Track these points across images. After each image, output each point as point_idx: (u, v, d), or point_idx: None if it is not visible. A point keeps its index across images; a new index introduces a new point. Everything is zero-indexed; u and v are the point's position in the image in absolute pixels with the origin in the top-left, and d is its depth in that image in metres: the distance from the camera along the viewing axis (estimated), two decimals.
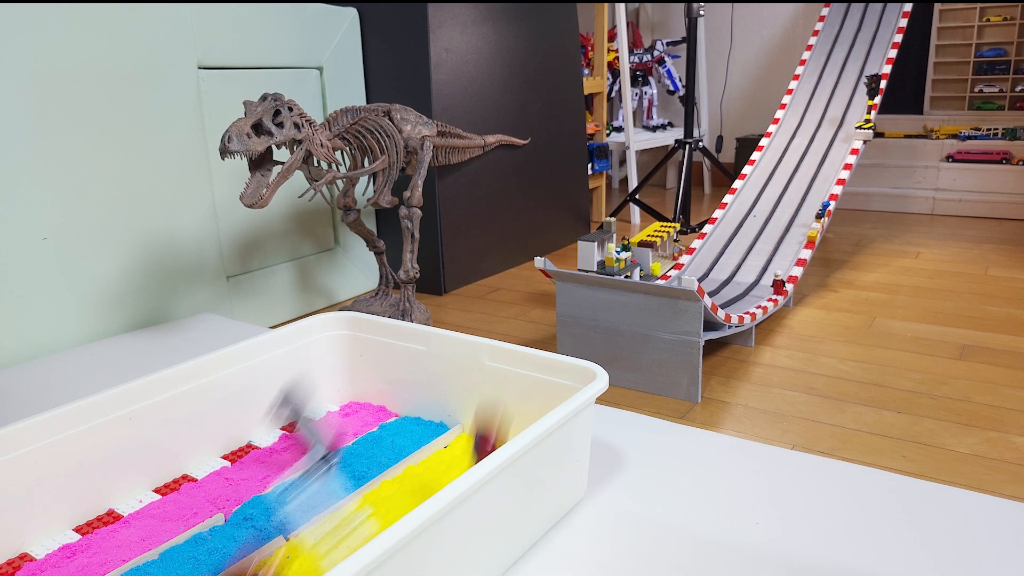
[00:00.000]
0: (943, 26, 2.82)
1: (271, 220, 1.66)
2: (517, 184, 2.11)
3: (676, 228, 1.82)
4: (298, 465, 0.81)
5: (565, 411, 0.70)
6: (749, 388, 1.25)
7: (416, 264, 1.49)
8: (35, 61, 1.24)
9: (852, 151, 1.94)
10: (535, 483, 0.69)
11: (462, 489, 0.58)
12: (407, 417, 0.95)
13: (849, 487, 0.82)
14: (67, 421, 0.76)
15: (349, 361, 1.01)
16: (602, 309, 1.26)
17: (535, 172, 2.18)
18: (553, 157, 2.25)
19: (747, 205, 1.90)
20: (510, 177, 2.08)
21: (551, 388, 0.82)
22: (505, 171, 2.06)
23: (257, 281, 1.63)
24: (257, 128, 1.14)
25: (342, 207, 1.52)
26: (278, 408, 0.74)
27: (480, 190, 1.97)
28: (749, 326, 1.39)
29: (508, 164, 2.06)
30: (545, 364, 0.82)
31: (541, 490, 0.71)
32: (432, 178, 1.80)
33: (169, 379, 0.84)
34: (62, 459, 0.76)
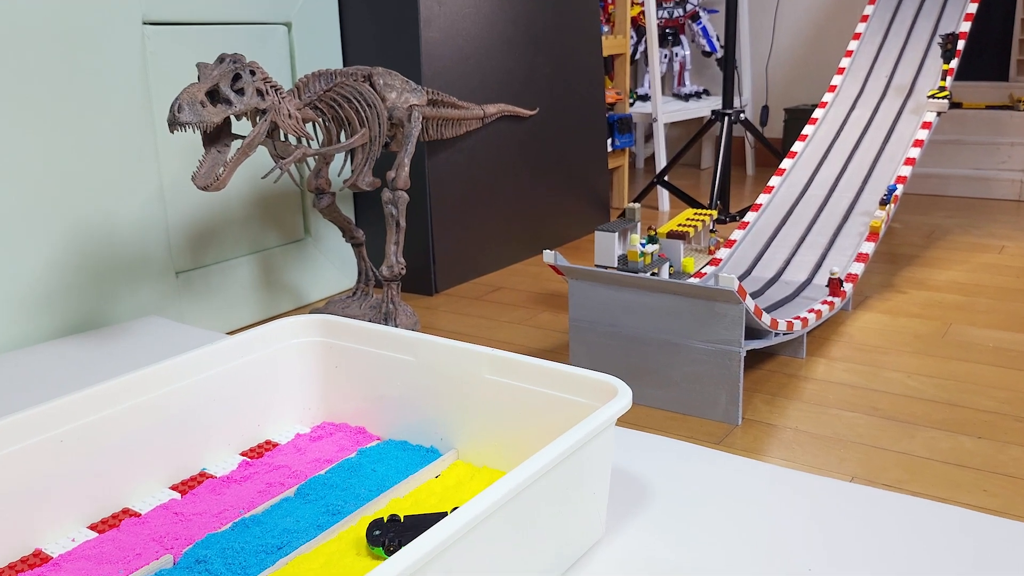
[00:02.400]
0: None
1: (229, 205, 1.66)
2: (523, 163, 2.11)
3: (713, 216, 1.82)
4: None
5: (580, 434, 0.69)
6: (800, 408, 1.24)
7: (402, 258, 1.49)
8: None
9: (924, 125, 1.93)
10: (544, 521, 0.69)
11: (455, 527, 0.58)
12: (391, 441, 0.95)
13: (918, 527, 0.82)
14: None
15: (322, 374, 1.00)
16: (624, 312, 1.26)
17: (544, 149, 2.17)
18: (566, 131, 2.25)
19: (797, 189, 1.89)
20: (514, 155, 2.08)
21: (563, 406, 0.81)
22: (508, 148, 2.05)
23: (212, 278, 1.63)
24: (213, 96, 1.14)
25: (314, 190, 1.52)
26: None
27: (478, 170, 1.97)
28: (800, 334, 1.39)
29: (512, 139, 2.06)
30: (556, 378, 0.82)
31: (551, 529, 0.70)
32: (421, 156, 1.80)
33: (107, 395, 0.84)
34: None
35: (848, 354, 1.45)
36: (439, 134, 1.75)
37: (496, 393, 0.87)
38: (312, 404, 1.01)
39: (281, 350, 0.99)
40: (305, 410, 1.01)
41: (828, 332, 1.55)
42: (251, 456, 0.95)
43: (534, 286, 1.91)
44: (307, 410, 1.01)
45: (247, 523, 0.80)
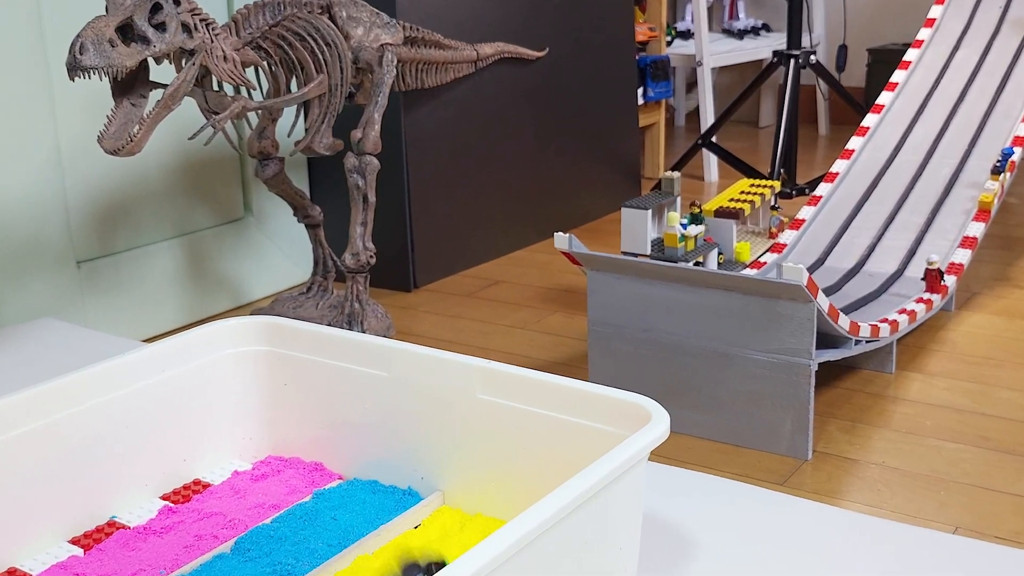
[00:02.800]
0: None
1: (147, 175, 1.66)
2: (528, 120, 2.10)
3: (775, 189, 1.81)
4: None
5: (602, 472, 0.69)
6: (888, 438, 1.24)
7: (371, 244, 1.49)
8: None
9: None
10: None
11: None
12: (357, 480, 0.95)
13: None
14: None
15: (267, 393, 1.00)
16: (659, 314, 1.25)
17: (556, 102, 2.17)
18: (584, 78, 2.24)
19: (884, 154, 1.89)
20: (517, 109, 2.07)
21: (579, 436, 0.81)
22: (509, 100, 2.05)
23: (124, 269, 1.63)
24: (125, 33, 1.13)
25: (256, 155, 1.51)
26: None
27: (470, 129, 1.97)
28: (888, 341, 1.38)
29: (514, 89, 2.06)
30: (570, 399, 0.82)
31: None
32: (396, 110, 1.80)
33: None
34: None
35: (951, 368, 1.44)
36: (419, 82, 1.75)
37: (493, 418, 0.86)
38: (254, 433, 1.01)
39: (214, 363, 0.99)
40: (245, 440, 1.01)
41: (924, 339, 1.55)
42: (174, 500, 0.95)
43: (542, 280, 1.91)
44: (247, 440, 1.01)
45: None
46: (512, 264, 2.01)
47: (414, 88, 1.76)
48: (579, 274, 1.90)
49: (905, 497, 1.11)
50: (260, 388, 1.01)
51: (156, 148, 1.67)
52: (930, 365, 1.45)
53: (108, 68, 1.10)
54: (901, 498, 1.11)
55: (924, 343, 1.53)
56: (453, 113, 1.91)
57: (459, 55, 1.83)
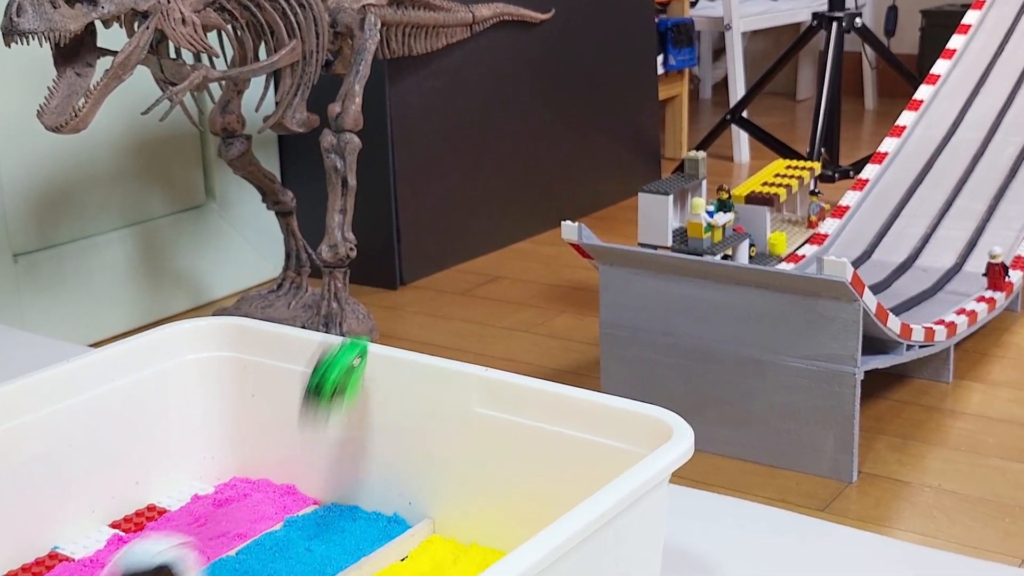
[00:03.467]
0: None
1: (94, 155, 1.66)
2: (532, 92, 2.10)
3: (815, 171, 1.81)
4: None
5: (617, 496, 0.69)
6: (944, 457, 1.24)
7: (351, 234, 1.49)
8: None
9: None
10: None
11: None
12: (335, 506, 0.95)
13: None
14: None
15: (232, 406, 1.00)
16: (682, 314, 1.25)
17: (564, 72, 2.17)
18: (595, 45, 2.24)
19: (941, 131, 1.89)
20: (519, 80, 2.07)
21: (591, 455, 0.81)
22: (510, 70, 2.05)
23: (68, 263, 1.63)
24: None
25: (220, 132, 1.51)
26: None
27: (465, 103, 1.96)
28: (944, 346, 1.38)
29: (516, 57, 2.05)
30: (582, 412, 0.82)
31: None
32: (381, 81, 1.79)
33: None
34: None
35: (1017, 377, 1.44)
36: (407, 48, 1.75)
37: (491, 435, 0.87)
38: (217, 451, 1.01)
39: (171, 370, 0.99)
40: (206, 460, 1.01)
41: (987, 344, 1.55)
42: (125, 529, 0.95)
43: (547, 275, 1.91)
44: (209, 460, 1.01)
45: None
46: (513, 257, 2.01)
47: (401, 55, 1.75)
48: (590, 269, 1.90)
49: (964, 525, 1.11)
50: (224, 400, 1.01)
51: (104, 124, 1.66)
52: (992, 374, 1.45)
53: (49, 32, 1.10)
54: (960, 526, 1.10)
55: (986, 348, 1.53)
56: (445, 84, 1.91)
57: (452, 17, 1.83)
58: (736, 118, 2.57)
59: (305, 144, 1.86)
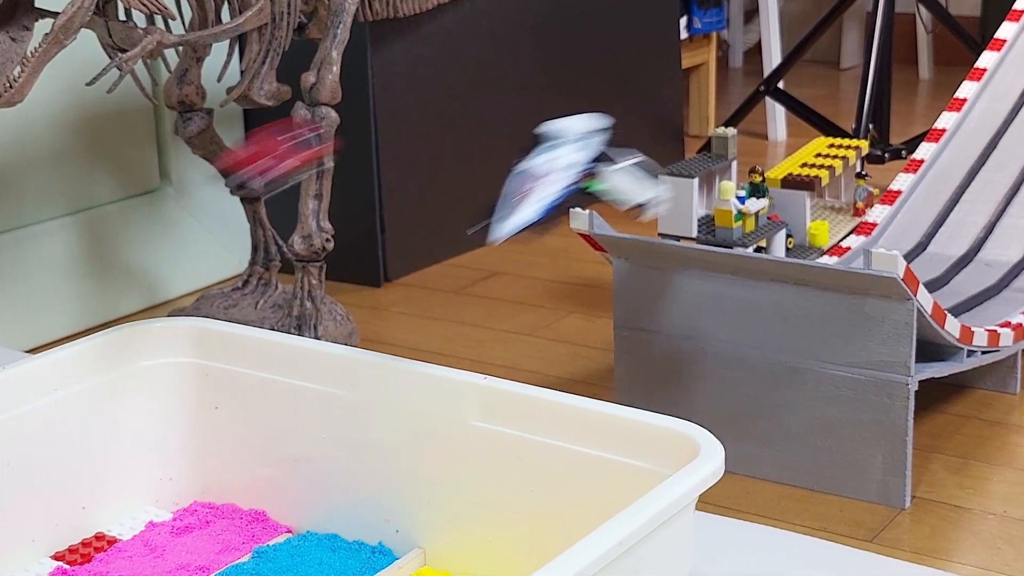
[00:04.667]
0: None
1: (32, 132, 1.66)
2: (534, 61, 2.11)
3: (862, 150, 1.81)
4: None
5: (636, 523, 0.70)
6: (1011, 479, 1.24)
7: (327, 224, 1.49)
8: None
9: None
10: None
11: None
12: (311, 534, 0.96)
13: None
14: None
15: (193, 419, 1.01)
16: (709, 315, 1.26)
17: (572, 37, 2.17)
18: (608, 5, 2.24)
19: (1007, 105, 1.89)
20: (520, 47, 2.07)
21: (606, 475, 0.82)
22: (509, 34, 2.05)
23: (2, 256, 1.63)
24: None
25: (177, 105, 1.52)
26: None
27: (458, 74, 1.97)
28: (1011, 352, 1.38)
29: (516, 20, 2.06)
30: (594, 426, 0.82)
31: None
32: (362, 47, 1.80)
33: None
34: None
35: None
36: (392, 10, 1.75)
37: (490, 452, 0.87)
38: (175, 472, 1.02)
39: (122, 379, 0.99)
40: (163, 482, 1.02)
41: None
42: (71, 560, 0.95)
43: (553, 270, 1.91)
44: (167, 482, 1.02)
45: None
46: (514, 250, 2.01)
47: (384, 17, 1.76)
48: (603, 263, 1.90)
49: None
50: (183, 412, 1.01)
51: (43, 96, 1.67)
52: None
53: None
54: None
55: None
56: (436, 51, 1.92)
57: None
58: (771, 89, 2.58)
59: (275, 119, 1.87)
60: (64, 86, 1.67)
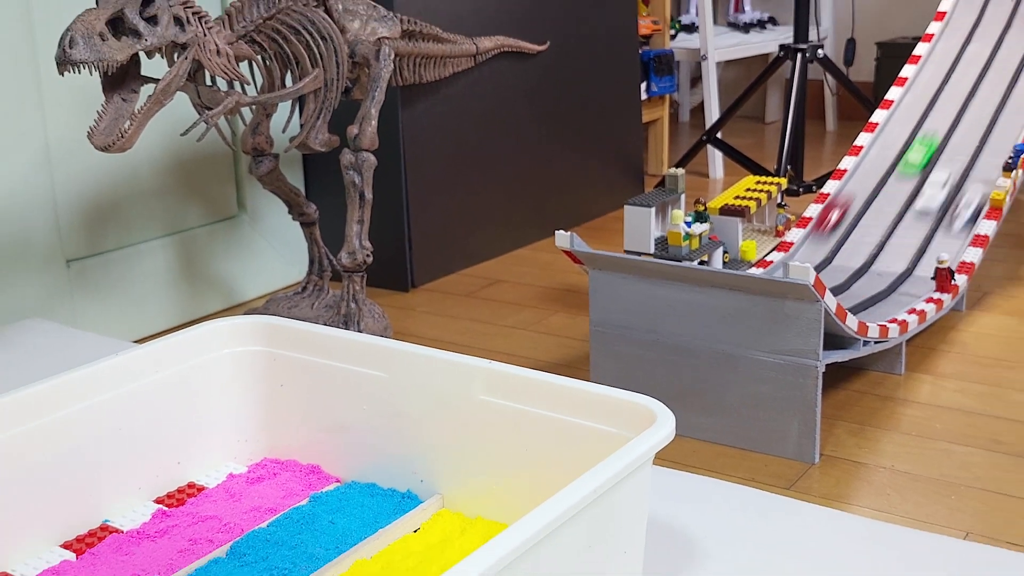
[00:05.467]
0: None
1: (138, 172, 1.66)
2: (529, 116, 2.11)
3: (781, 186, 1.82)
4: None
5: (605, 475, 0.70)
6: (897, 441, 1.24)
7: (367, 242, 1.49)
8: None
9: None
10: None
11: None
12: (355, 484, 0.96)
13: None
14: None
15: (262, 395, 1.01)
16: (663, 314, 1.26)
17: (557, 97, 2.17)
18: (586, 73, 2.24)
19: (894, 151, 1.89)
20: (518, 105, 2.08)
21: (582, 438, 0.82)
22: (509, 95, 2.05)
23: (114, 268, 1.63)
24: (116, 26, 1.14)
25: (250, 151, 1.52)
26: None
27: (470, 125, 1.97)
28: (897, 342, 1.39)
29: (515, 84, 2.06)
30: (573, 400, 0.82)
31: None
32: (394, 105, 1.80)
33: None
34: None
35: (961, 370, 1.44)
36: (417, 76, 1.75)
37: (494, 420, 0.87)
38: (249, 435, 1.02)
39: (208, 363, 0.99)
40: (240, 443, 1.01)
41: (935, 340, 1.55)
42: (169, 504, 0.95)
43: (543, 279, 1.91)
44: (243, 443, 1.02)
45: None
46: (513, 263, 2.01)
47: (412, 83, 1.76)
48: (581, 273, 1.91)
49: (915, 502, 1.11)
50: (255, 389, 1.01)
51: (147, 144, 1.67)
52: (940, 367, 1.46)
53: (98, 62, 1.10)
54: (911, 503, 1.11)
55: (934, 344, 1.54)
56: (452, 108, 1.92)
57: (458, 49, 1.83)
58: (711, 139, 2.58)
59: (326, 162, 1.87)
60: (163, 136, 1.68)
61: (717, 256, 1.56)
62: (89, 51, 1.09)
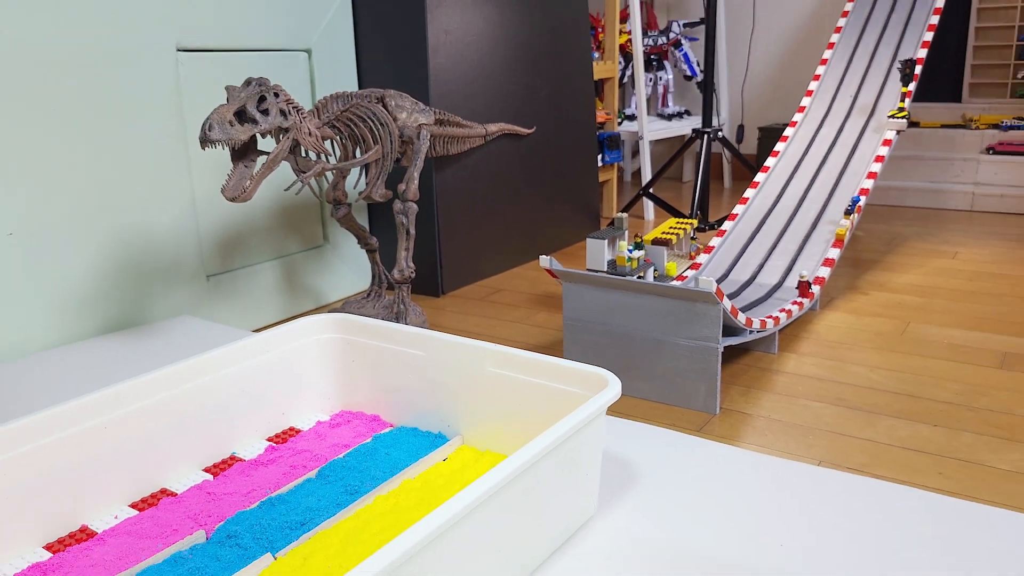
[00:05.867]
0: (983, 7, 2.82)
1: (255, 215, 1.67)
2: (521, 177, 2.11)
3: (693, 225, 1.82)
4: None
5: (574, 421, 0.70)
6: (772, 399, 1.25)
7: (412, 263, 1.49)
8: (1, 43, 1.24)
9: (884, 142, 1.94)
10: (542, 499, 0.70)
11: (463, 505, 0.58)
12: (403, 427, 0.96)
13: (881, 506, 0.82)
14: (36, 431, 0.77)
15: (340, 367, 1.01)
16: (613, 312, 1.26)
17: (541, 164, 2.18)
18: (560, 147, 2.25)
19: (770, 200, 1.90)
20: (514, 169, 2.08)
21: (559, 396, 0.82)
22: (508, 163, 2.06)
23: (239, 281, 1.64)
24: (240, 115, 1.14)
25: (332, 201, 1.52)
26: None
27: (481, 183, 1.98)
28: (772, 331, 1.39)
29: (511, 155, 2.07)
30: (553, 370, 0.83)
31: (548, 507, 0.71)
32: (429, 170, 1.80)
33: (146, 386, 0.84)
34: (31, 472, 0.76)
35: (816, 350, 1.45)
36: (445, 150, 1.76)
37: (498, 384, 0.87)
38: (331, 394, 1.02)
39: (303, 346, 0.99)
40: (325, 400, 1.02)
41: (798, 330, 1.56)
42: (276, 442, 0.95)
43: (532, 288, 1.91)
44: (327, 400, 1.02)
45: (273, 502, 0.81)
46: (510, 277, 2.01)
47: (442, 155, 1.76)
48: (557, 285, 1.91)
49: (784, 440, 1.11)
50: (335, 364, 1.01)
51: (261, 196, 1.67)
52: (802, 348, 1.46)
53: (228, 141, 1.11)
54: (782, 441, 1.11)
55: (798, 332, 1.54)
56: (469, 172, 1.92)
57: (473, 132, 1.84)
58: (646, 192, 2.59)
59: (384, 208, 1.87)
60: (272, 190, 1.68)
61: (650, 273, 1.57)
62: (222, 133, 1.10)
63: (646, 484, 0.87)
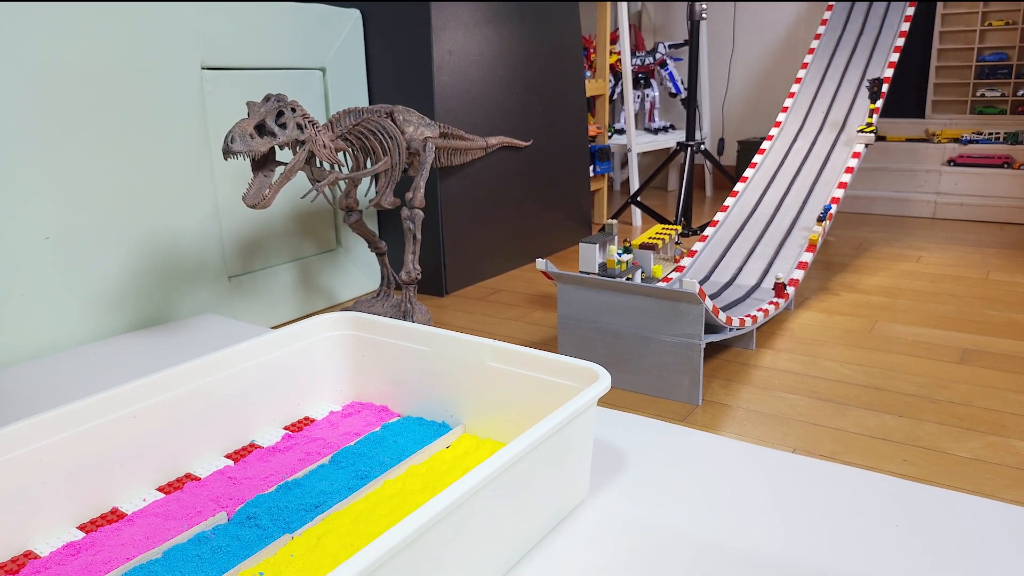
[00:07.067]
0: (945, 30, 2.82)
1: (273, 221, 1.67)
2: (519, 186, 2.11)
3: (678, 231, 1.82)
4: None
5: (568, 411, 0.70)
6: (750, 391, 1.25)
7: (418, 265, 1.49)
8: (38, 62, 1.24)
9: (854, 155, 1.94)
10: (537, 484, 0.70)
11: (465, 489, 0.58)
12: (409, 417, 0.96)
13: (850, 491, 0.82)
14: (71, 420, 0.77)
15: (351, 361, 1.01)
16: (603, 311, 1.26)
17: (537, 174, 2.18)
18: (555, 159, 2.25)
19: (748, 208, 1.90)
20: (512, 179, 2.08)
21: (553, 389, 0.82)
22: (507, 173, 2.06)
23: (259, 281, 1.63)
24: (260, 129, 1.14)
25: (344, 208, 1.52)
26: None
27: (482, 192, 1.98)
28: (750, 329, 1.39)
29: (510, 166, 2.07)
30: (547, 365, 0.83)
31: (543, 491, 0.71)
32: (434, 179, 1.80)
33: (172, 379, 0.84)
34: (66, 457, 0.76)
35: (791, 346, 1.45)
36: (449, 161, 1.76)
37: (497, 378, 0.87)
38: (343, 387, 1.02)
39: (317, 342, 0.99)
40: (337, 391, 1.02)
41: (774, 328, 1.56)
42: (292, 430, 0.95)
43: (528, 289, 1.91)
44: (339, 391, 1.02)
45: (289, 486, 0.80)
46: (509, 278, 2.02)
47: (446, 166, 1.76)
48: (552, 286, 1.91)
49: (761, 429, 1.12)
50: (347, 358, 1.01)
51: (280, 203, 1.67)
52: (777, 344, 1.46)
53: (249, 152, 1.11)
54: (759, 430, 1.11)
55: (774, 330, 1.54)
56: (471, 182, 1.92)
57: (475, 144, 1.84)
58: (634, 201, 2.59)
59: (393, 215, 1.87)
60: (289, 198, 1.68)
61: (637, 275, 1.57)
62: (243, 145, 1.10)
63: (634, 470, 0.87)
